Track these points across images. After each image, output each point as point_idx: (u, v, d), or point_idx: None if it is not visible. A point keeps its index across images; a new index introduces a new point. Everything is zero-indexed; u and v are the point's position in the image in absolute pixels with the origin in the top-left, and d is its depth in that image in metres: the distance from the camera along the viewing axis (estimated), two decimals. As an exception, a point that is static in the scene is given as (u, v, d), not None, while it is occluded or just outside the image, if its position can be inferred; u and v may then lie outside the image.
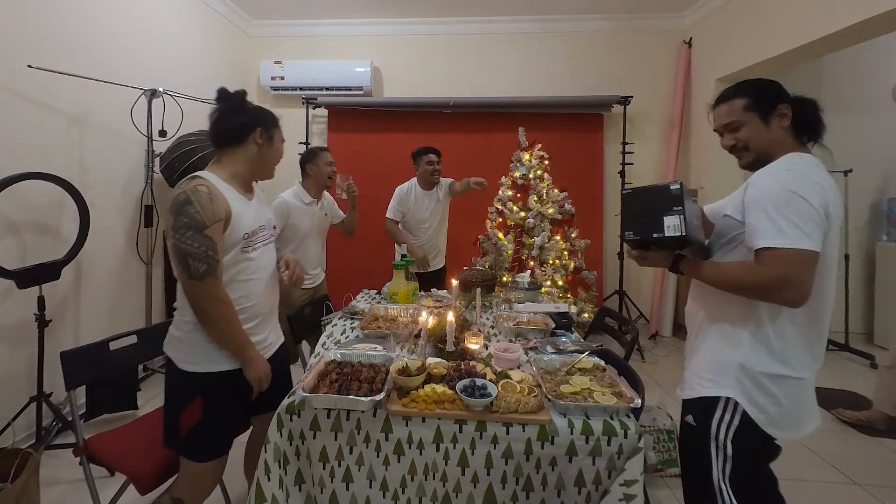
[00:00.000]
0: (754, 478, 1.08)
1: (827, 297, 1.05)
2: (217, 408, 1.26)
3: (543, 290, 3.02)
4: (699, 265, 1.11)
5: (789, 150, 1.07)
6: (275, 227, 1.45)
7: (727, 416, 1.05)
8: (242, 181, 1.31)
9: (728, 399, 1.06)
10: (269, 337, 1.38)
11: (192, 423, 1.23)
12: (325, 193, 2.50)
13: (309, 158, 2.34)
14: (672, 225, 1.06)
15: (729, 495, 1.03)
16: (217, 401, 1.25)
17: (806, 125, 1.10)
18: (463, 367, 1.30)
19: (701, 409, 1.10)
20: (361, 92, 4.05)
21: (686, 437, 1.16)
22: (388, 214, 2.87)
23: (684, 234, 1.05)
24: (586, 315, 3.25)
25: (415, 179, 2.91)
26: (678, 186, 1.08)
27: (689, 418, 1.13)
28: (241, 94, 1.32)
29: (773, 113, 1.08)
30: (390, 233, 2.87)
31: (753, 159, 1.11)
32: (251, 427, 1.50)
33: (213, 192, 1.18)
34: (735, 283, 1.03)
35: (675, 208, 1.07)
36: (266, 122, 1.31)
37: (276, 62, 4.06)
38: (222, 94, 1.31)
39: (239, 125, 1.28)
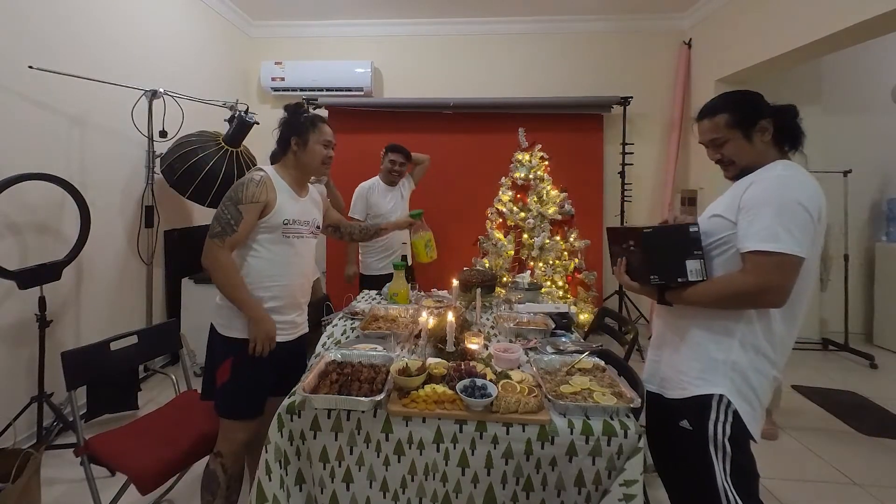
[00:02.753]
0: (748, 467, 1.09)
1: (805, 299, 1.07)
2: (244, 371, 1.41)
3: (543, 290, 3.02)
4: (682, 292, 1.13)
5: (773, 159, 1.10)
6: (318, 227, 1.62)
7: (722, 416, 1.06)
8: (296, 180, 1.54)
9: (721, 397, 1.07)
10: (296, 320, 1.54)
11: (223, 381, 1.41)
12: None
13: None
14: (694, 269, 1.09)
15: (734, 494, 1.04)
16: (244, 365, 1.41)
17: (786, 135, 1.12)
18: (463, 367, 1.30)
19: (695, 411, 1.10)
20: (362, 93, 4.06)
21: (681, 442, 1.15)
22: (351, 213, 2.87)
23: (706, 278, 1.08)
24: (586, 315, 3.25)
25: (377, 177, 2.96)
26: (696, 229, 1.09)
27: (685, 423, 1.12)
28: (292, 109, 1.55)
29: (754, 129, 1.10)
30: None
31: (739, 172, 1.15)
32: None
33: (265, 181, 1.43)
34: (720, 294, 1.06)
35: (695, 252, 1.09)
36: (300, 131, 1.50)
37: (276, 63, 4.06)
38: (286, 109, 1.57)
39: (282, 139, 1.53)
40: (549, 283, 3.24)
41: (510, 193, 3.50)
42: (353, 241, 2.58)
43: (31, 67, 2.12)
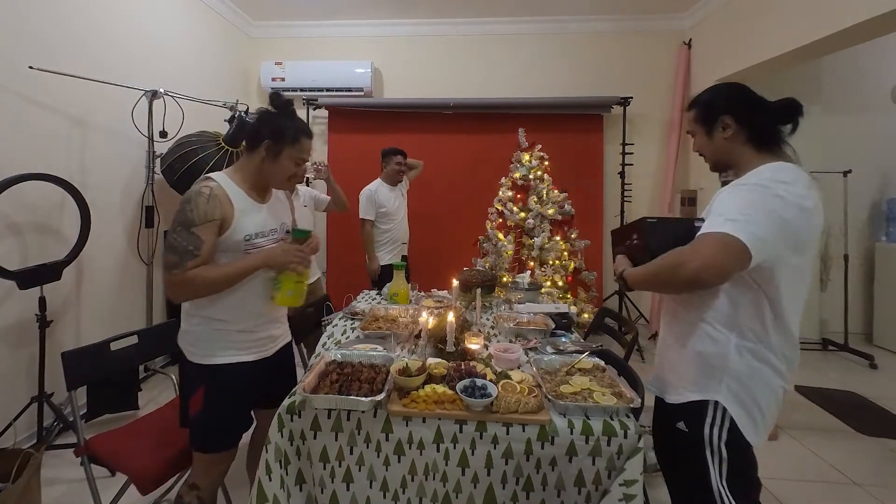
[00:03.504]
0: (746, 472, 1.08)
1: (796, 306, 1.03)
2: (217, 400, 1.29)
3: (543, 290, 3.02)
4: (635, 273, 1.14)
5: (752, 160, 1.07)
6: (288, 232, 1.45)
7: (718, 420, 1.05)
8: (255, 187, 1.34)
9: (717, 403, 1.05)
10: (273, 334, 1.42)
11: (196, 412, 1.29)
12: (301, 188, 2.61)
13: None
14: None
15: (728, 497, 1.03)
16: (218, 393, 1.29)
17: (758, 134, 1.08)
18: (463, 367, 1.30)
19: (691, 414, 1.09)
20: (362, 93, 4.06)
21: (677, 443, 1.14)
22: (365, 216, 2.98)
23: None
24: (586, 315, 3.25)
25: (379, 179, 3.08)
26: (701, 224, 1.05)
27: (681, 425, 1.11)
28: (285, 104, 1.35)
29: (714, 125, 1.11)
30: (366, 236, 2.99)
31: (712, 165, 1.17)
32: (254, 423, 1.51)
33: (215, 194, 1.23)
34: (658, 266, 1.04)
35: None
36: (278, 138, 1.29)
37: (276, 63, 4.07)
38: (271, 99, 1.35)
39: (255, 132, 1.31)
40: (549, 283, 3.24)
41: (510, 193, 3.50)
42: None
43: (31, 68, 2.12)
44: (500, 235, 3.44)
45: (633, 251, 1.23)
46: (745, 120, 1.08)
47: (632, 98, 3.89)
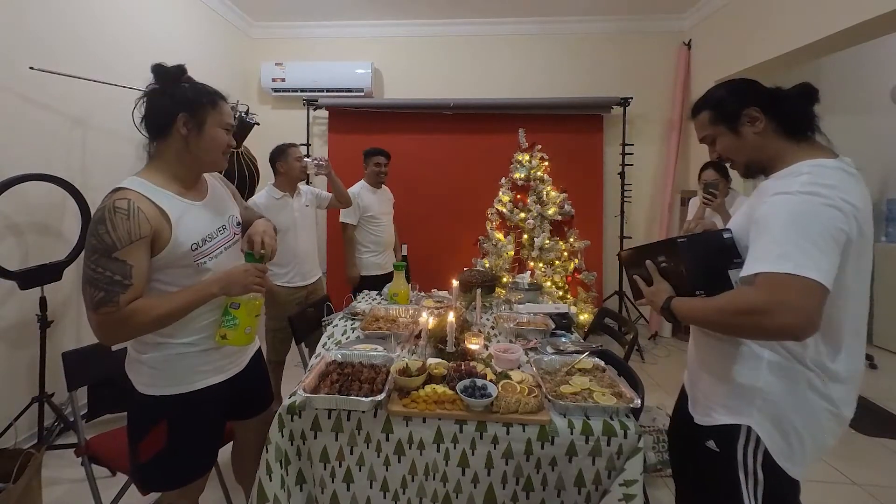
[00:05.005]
0: (785, 498, 0.96)
1: (850, 325, 0.91)
2: (187, 431, 1.12)
3: (543, 290, 3.02)
4: (685, 304, 0.99)
5: (787, 153, 0.95)
6: (239, 224, 1.25)
7: (752, 443, 0.94)
8: (184, 180, 1.12)
9: (749, 429, 0.94)
10: (242, 349, 1.24)
11: (156, 451, 1.10)
12: (303, 186, 2.55)
13: (278, 156, 2.40)
14: (738, 280, 0.96)
15: None
16: (187, 423, 1.12)
17: (790, 121, 0.96)
18: (463, 367, 1.31)
19: (722, 435, 0.98)
20: (362, 93, 4.06)
21: (704, 463, 1.02)
22: (345, 219, 2.89)
23: None
24: (586, 315, 3.25)
25: (363, 181, 3.02)
26: (730, 235, 0.99)
27: (711, 444, 1.00)
28: (176, 71, 1.11)
29: (739, 121, 0.98)
30: (347, 241, 2.93)
31: (745, 169, 1.03)
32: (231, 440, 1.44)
33: (134, 206, 1.00)
34: (723, 308, 0.89)
35: (735, 260, 0.96)
36: (192, 106, 1.07)
37: (276, 64, 4.07)
38: (155, 72, 1.09)
39: (161, 112, 1.07)
40: (549, 283, 3.24)
41: (510, 194, 3.51)
42: None
43: (31, 68, 2.12)
44: (500, 236, 3.44)
45: (667, 276, 1.08)
46: (772, 109, 0.96)
47: (632, 98, 3.89)
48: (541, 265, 3.32)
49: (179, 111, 1.07)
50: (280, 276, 2.39)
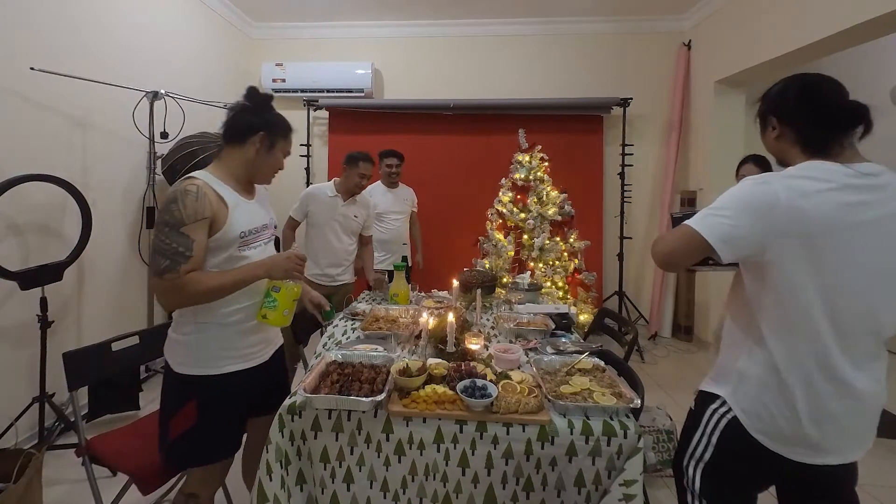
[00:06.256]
0: (730, 478, 1.01)
1: (800, 331, 0.91)
2: (214, 408, 1.23)
3: (543, 291, 3.02)
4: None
5: (797, 160, 0.98)
6: (275, 227, 1.44)
7: (721, 409, 1.01)
8: (241, 182, 1.29)
9: (723, 400, 1.01)
10: (269, 336, 1.38)
11: (184, 429, 1.21)
12: (371, 202, 2.68)
13: (347, 163, 2.50)
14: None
15: (694, 478, 1.02)
16: (215, 404, 1.23)
17: (804, 138, 0.98)
18: (463, 367, 1.31)
19: (701, 398, 1.08)
20: (362, 94, 4.07)
21: (685, 423, 1.12)
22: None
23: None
24: (586, 316, 3.25)
25: (379, 181, 3.14)
26: None
27: (692, 406, 1.11)
28: (267, 98, 1.32)
29: (765, 125, 1.05)
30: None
31: (779, 164, 1.06)
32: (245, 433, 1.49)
33: (201, 191, 1.16)
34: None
35: None
36: (272, 129, 1.28)
37: (277, 64, 4.07)
38: (249, 93, 1.31)
39: (246, 125, 1.26)
40: (549, 283, 3.24)
41: (510, 194, 3.51)
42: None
43: (32, 69, 2.12)
44: (500, 236, 3.44)
45: None
46: (789, 123, 1.00)
47: (631, 99, 3.90)
48: (541, 265, 3.32)
49: (261, 129, 1.26)
50: (307, 269, 2.45)
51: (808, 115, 0.98)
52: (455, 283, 1.99)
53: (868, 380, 0.93)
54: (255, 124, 1.26)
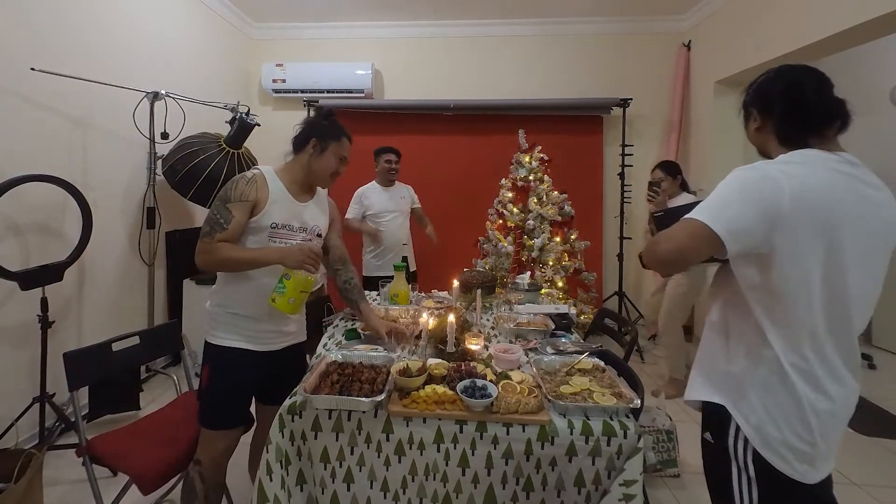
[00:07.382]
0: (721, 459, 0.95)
1: (792, 318, 0.89)
2: (220, 379, 1.39)
3: (543, 291, 3.03)
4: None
5: (777, 151, 0.99)
6: (319, 235, 1.54)
7: (740, 434, 0.92)
8: (299, 183, 1.46)
9: (733, 419, 0.93)
10: (282, 329, 1.47)
11: (203, 387, 1.40)
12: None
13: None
14: None
15: None
16: (221, 373, 1.39)
17: (782, 130, 0.99)
18: (463, 367, 1.31)
19: (713, 421, 0.98)
20: (362, 94, 4.07)
21: (705, 457, 1.02)
22: (347, 216, 2.97)
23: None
24: (586, 316, 3.26)
25: (374, 180, 3.09)
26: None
27: (707, 436, 0.99)
28: (325, 113, 1.53)
29: (748, 116, 1.06)
30: (350, 228, 2.97)
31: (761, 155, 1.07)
32: (255, 424, 1.54)
33: (256, 179, 1.37)
34: (647, 244, 1.02)
35: None
36: (323, 135, 1.45)
37: (277, 65, 4.07)
38: (316, 111, 1.54)
39: (303, 135, 1.47)
40: (548, 284, 3.24)
41: (510, 195, 3.51)
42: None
43: (33, 69, 2.13)
44: (500, 236, 3.44)
45: None
46: (769, 115, 1.01)
47: (631, 99, 3.90)
48: (541, 266, 3.33)
49: (314, 136, 1.45)
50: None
51: (786, 108, 0.99)
52: (455, 283, 1.99)
53: (854, 381, 0.94)
54: (309, 133, 1.46)
